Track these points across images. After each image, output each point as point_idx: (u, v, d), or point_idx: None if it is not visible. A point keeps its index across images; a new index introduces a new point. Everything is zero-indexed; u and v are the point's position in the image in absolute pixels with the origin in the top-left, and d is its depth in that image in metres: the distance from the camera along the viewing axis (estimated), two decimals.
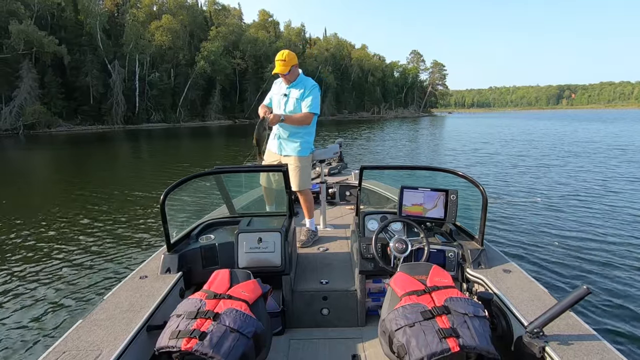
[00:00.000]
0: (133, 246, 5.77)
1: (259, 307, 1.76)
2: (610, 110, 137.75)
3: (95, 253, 5.51)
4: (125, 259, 5.28)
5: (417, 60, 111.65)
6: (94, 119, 46.20)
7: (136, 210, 7.89)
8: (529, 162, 13.91)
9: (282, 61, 3.15)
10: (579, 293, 1.47)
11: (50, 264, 5.13)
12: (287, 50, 3.28)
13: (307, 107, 3.26)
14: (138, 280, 2.12)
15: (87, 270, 4.90)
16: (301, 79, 3.33)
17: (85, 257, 5.34)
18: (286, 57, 3.17)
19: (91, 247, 5.73)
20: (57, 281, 4.63)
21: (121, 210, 7.91)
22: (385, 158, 16.99)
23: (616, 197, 8.17)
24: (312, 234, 3.36)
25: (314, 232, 3.40)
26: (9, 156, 21.69)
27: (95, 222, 7.09)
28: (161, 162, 17.37)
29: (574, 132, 29.84)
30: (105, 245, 5.84)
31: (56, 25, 45.22)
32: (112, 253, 5.50)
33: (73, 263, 5.16)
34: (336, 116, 76.54)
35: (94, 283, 4.55)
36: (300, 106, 3.29)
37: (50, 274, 4.84)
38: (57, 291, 4.36)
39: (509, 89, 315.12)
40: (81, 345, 1.54)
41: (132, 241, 5.99)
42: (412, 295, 1.66)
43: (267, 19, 73.85)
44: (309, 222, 3.43)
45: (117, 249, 5.67)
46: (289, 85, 3.32)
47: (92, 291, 4.35)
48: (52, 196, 10.05)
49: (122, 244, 5.85)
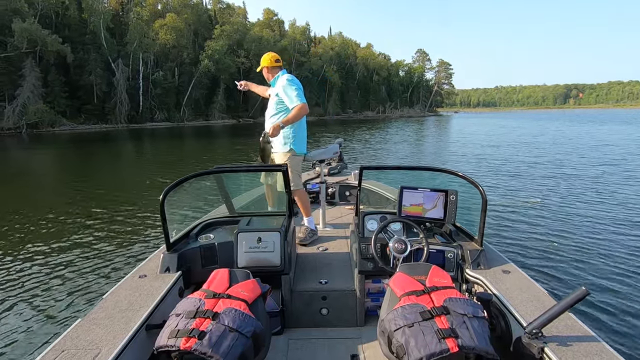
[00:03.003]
0: (132, 245, 5.79)
1: (258, 306, 1.76)
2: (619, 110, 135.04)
3: (95, 252, 5.54)
4: (125, 258, 5.30)
5: (423, 59, 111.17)
6: (98, 118, 46.30)
7: (136, 210, 7.92)
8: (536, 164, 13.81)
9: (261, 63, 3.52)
10: (577, 294, 1.47)
11: (49, 263, 5.17)
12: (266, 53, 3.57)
13: (291, 103, 3.31)
14: (137, 280, 2.12)
15: (86, 269, 4.93)
16: (276, 79, 3.48)
17: (85, 256, 5.37)
18: (262, 60, 3.51)
19: (90, 246, 5.76)
20: (56, 279, 4.65)
21: (121, 210, 7.94)
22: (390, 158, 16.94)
23: (618, 200, 8.12)
24: (310, 232, 3.38)
25: (313, 230, 3.41)
26: (11, 155, 21.77)
27: (94, 221, 7.12)
28: (164, 161, 17.41)
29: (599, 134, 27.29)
30: (105, 244, 5.87)
31: (60, 24, 45.39)
32: (111, 252, 5.53)
33: (72, 262, 5.19)
34: (341, 115, 76.31)
35: (93, 282, 4.58)
36: (280, 104, 3.41)
37: (49, 272, 4.87)
38: (57, 289, 4.39)
39: (515, 88, 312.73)
40: (80, 344, 1.55)
41: (132, 240, 6.02)
42: (412, 295, 1.66)
43: (272, 18, 73.74)
44: (307, 220, 3.45)
45: (116, 248, 5.70)
46: (271, 85, 3.56)
47: (92, 290, 4.37)
48: (51, 195, 10.11)
49: (122, 243, 5.88)
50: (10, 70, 39.09)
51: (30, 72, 39.93)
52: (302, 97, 3.31)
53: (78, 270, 4.92)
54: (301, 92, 3.34)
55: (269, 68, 3.50)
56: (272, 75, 3.51)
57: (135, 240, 6.03)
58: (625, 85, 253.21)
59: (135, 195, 9.50)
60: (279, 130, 3.20)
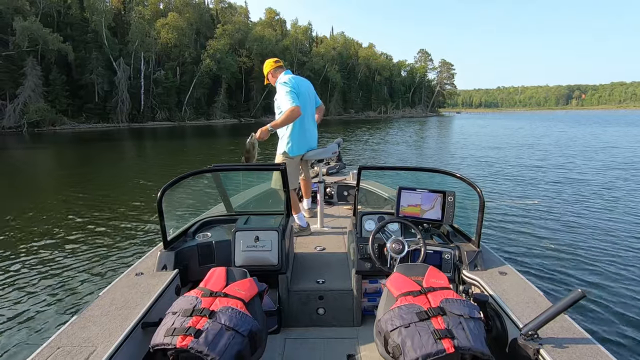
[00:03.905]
0: (129, 243, 5.80)
1: (254, 305, 1.76)
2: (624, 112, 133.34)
3: (91, 249, 5.54)
4: (121, 255, 5.30)
5: (425, 60, 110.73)
6: (99, 117, 46.41)
7: (133, 207, 7.93)
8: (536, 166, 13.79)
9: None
10: (573, 296, 1.47)
11: (46, 260, 5.17)
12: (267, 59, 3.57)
13: (281, 107, 3.29)
14: (134, 277, 2.12)
15: (82, 267, 4.93)
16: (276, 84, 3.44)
17: (81, 254, 5.38)
18: (264, 67, 3.51)
19: (87, 244, 5.77)
20: (52, 277, 4.66)
21: (118, 207, 7.96)
22: (389, 159, 16.91)
23: (615, 202, 8.09)
24: (299, 227, 3.54)
25: (302, 227, 3.56)
26: (11, 154, 21.74)
27: (91, 218, 7.13)
28: (164, 160, 17.43)
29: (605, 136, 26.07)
30: (101, 241, 5.87)
31: (62, 23, 45.49)
32: (108, 249, 5.53)
33: (69, 259, 5.19)
34: (343, 116, 76.34)
35: (90, 279, 4.58)
36: (277, 107, 3.39)
37: (46, 269, 4.88)
38: (53, 287, 4.39)
39: (517, 88, 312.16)
40: (76, 342, 1.55)
41: (128, 238, 6.02)
42: (408, 295, 1.66)
43: (274, 17, 73.76)
44: (297, 217, 3.58)
45: (114, 245, 5.70)
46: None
47: (88, 287, 4.37)
48: (50, 193, 10.11)
49: (118, 241, 5.89)
50: (12, 69, 39.15)
51: (32, 71, 39.98)
52: (294, 100, 3.16)
53: (75, 267, 4.93)
54: (293, 94, 3.19)
55: (272, 72, 3.47)
56: (275, 79, 3.45)
57: (132, 237, 6.04)
58: (628, 86, 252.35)
59: (133, 193, 9.50)
60: (267, 133, 3.18)
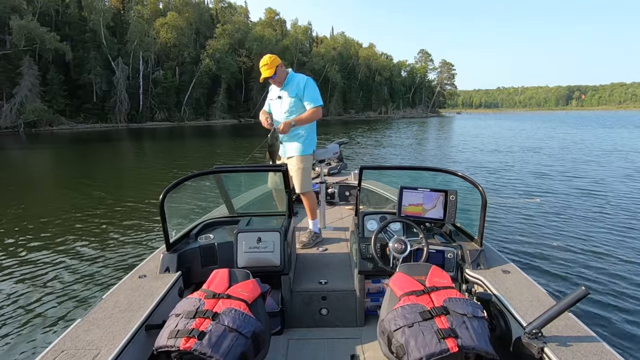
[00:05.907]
0: (132, 245, 5.77)
1: (257, 306, 1.76)
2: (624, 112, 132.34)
3: (94, 252, 5.51)
4: (124, 258, 5.28)
5: (426, 60, 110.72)
6: (98, 117, 46.22)
7: (135, 210, 7.90)
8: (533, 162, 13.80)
9: (266, 65, 3.13)
10: (577, 294, 1.47)
11: (48, 263, 5.14)
12: (268, 54, 3.25)
13: (310, 103, 3.21)
14: (137, 280, 2.12)
15: (85, 269, 4.91)
16: (291, 77, 3.28)
17: (84, 256, 5.35)
18: (268, 60, 3.14)
19: (89, 247, 5.74)
20: (55, 280, 4.63)
21: (120, 210, 7.91)
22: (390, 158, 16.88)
23: (619, 200, 8.11)
24: (314, 235, 3.33)
25: (316, 234, 3.36)
26: (6, 154, 21.55)
27: (92, 221, 7.08)
28: (164, 161, 17.35)
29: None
30: (104, 244, 5.84)
31: (60, 22, 45.30)
32: (110, 252, 5.50)
33: (71, 262, 5.16)
34: (343, 116, 76.12)
35: (93, 282, 4.55)
36: (296, 105, 3.25)
37: (48, 272, 4.84)
38: (56, 290, 4.37)
39: (517, 89, 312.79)
40: (79, 345, 1.54)
41: (131, 240, 5.99)
42: (411, 295, 1.66)
43: (274, 17, 73.64)
44: (312, 223, 3.38)
45: (116, 248, 5.67)
46: (281, 87, 3.30)
47: (91, 290, 4.34)
48: (48, 195, 10.05)
49: (121, 244, 5.86)
50: (8, 69, 38.83)
51: (28, 71, 39.65)
52: (320, 100, 3.26)
53: (77, 269, 4.90)
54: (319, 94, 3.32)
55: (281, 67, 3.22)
56: (284, 75, 3.26)
57: (134, 240, 6.01)
58: (628, 87, 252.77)
59: (135, 195, 9.45)
60: (289, 127, 3.10)
